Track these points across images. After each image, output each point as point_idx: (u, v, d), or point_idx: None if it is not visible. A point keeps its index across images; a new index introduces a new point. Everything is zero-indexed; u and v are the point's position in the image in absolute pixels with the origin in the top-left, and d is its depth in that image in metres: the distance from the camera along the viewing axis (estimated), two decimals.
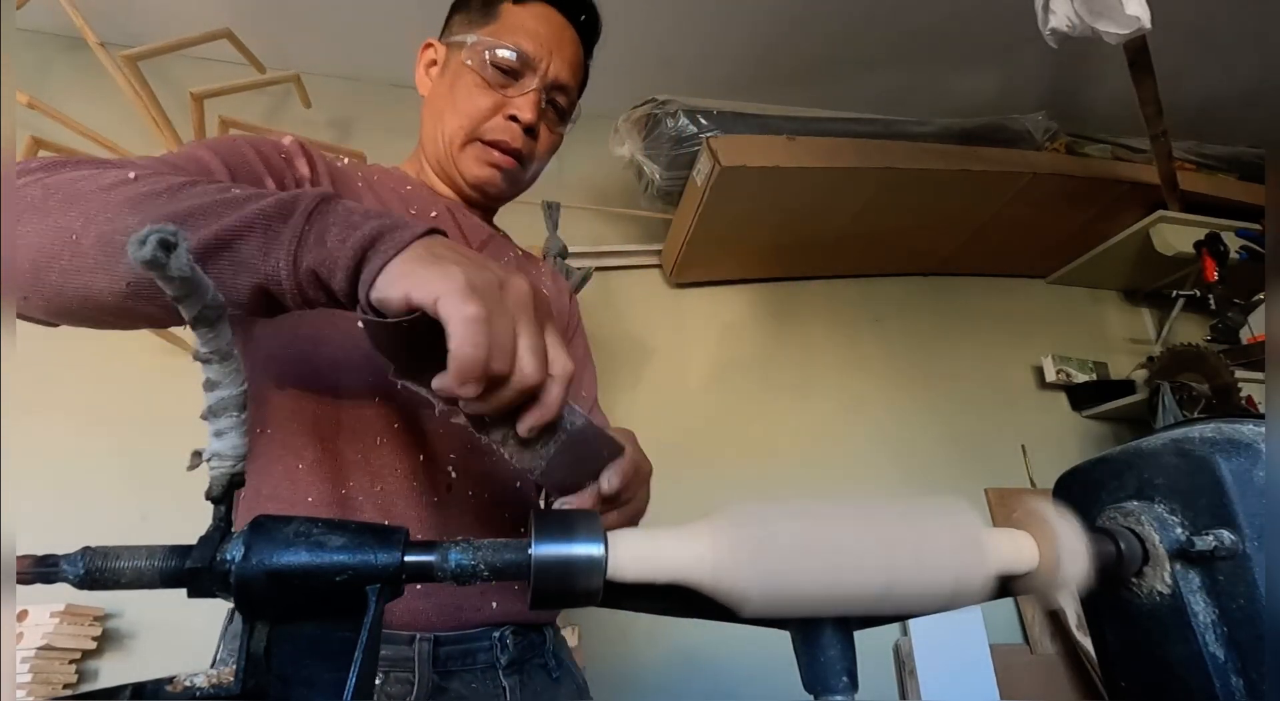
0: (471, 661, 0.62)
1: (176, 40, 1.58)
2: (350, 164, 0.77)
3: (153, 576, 0.30)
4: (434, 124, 0.78)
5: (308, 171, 0.68)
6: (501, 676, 0.63)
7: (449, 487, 0.63)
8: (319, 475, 0.58)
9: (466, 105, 0.75)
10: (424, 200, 0.76)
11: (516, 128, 0.74)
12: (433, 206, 0.76)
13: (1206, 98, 2.08)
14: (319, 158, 0.70)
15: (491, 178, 0.77)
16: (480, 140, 0.75)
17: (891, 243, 2.08)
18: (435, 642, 0.60)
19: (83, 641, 1.26)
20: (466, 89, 0.75)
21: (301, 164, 0.68)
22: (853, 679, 0.33)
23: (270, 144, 0.67)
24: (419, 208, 0.75)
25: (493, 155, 0.75)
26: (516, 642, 0.64)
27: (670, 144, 1.72)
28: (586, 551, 0.31)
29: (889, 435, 2.02)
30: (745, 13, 1.80)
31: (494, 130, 0.75)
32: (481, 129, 0.75)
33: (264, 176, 0.62)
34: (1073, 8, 1.11)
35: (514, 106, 0.74)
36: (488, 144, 0.75)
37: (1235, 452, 0.34)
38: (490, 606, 0.63)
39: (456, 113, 0.75)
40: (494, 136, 0.75)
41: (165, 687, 0.31)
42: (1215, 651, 0.33)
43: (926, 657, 1.68)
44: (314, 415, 0.60)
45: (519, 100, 0.74)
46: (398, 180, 0.78)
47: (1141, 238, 2.04)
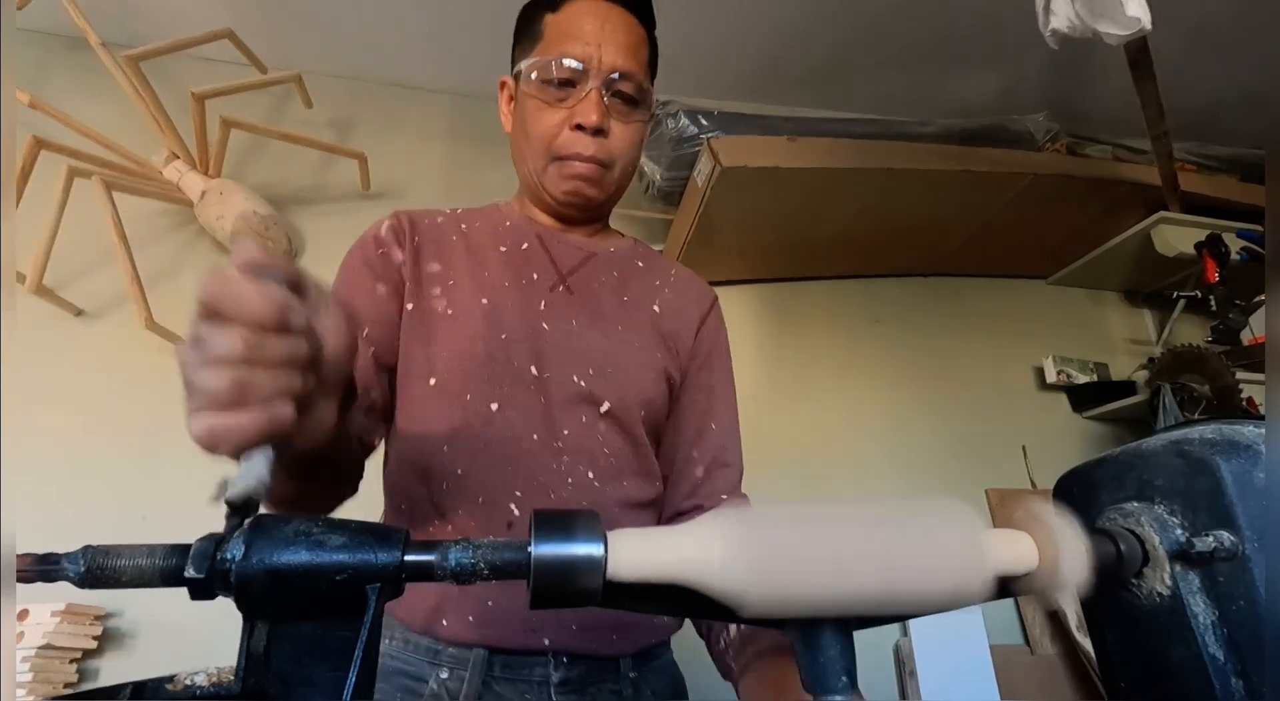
0: (528, 672, 0.64)
1: (178, 40, 1.58)
2: (451, 216, 0.81)
3: (153, 575, 0.30)
4: (520, 158, 0.80)
5: (400, 255, 0.75)
6: (554, 693, 0.64)
7: (509, 525, 0.66)
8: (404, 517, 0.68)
9: (535, 129, 0.75)
10: (517, 235, 0.79)
11: (585, 136, 0.74)
12: (524, 239, 0.79)
13: (1208, 98, 2.08)
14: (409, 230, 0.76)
15: (576, 189, 0.77)
16: (557, 157, 0.76)
17: (892, 243, 2.08)
18: (490, 650, 0.64)
19: (83, 640, 1.26)
20: (533, 115, 0.76)
21: (395, 251, 0.75)
22: (852, 679, 0.33)
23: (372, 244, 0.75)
24: (510, 243, 0.78)
25: (571, 168, 0.75)
26: (574, 664, 0.66)
27: (671, 144, 1.73)
28: (586, 551, 0.31)
29: (889, 436, 2.02)
30: (747, 15, 1.80)
31: (566, 145, 0.75)
32: (554, 147, 0.75)
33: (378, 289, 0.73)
34: (1073, 9, 1.11)
35: (577, 114, 0.74)
36: (564, 160, 0.75)
37: (1236, 454, 0.34)
38: (542, 642, 0.65)
39: (530, 140, 0.76)
40: (568, 151, 0.75)
41: (165, 686, 0.31)
42: (1215, 652, 0.33)
43: (926, 658, 1.68)
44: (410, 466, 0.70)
45: (580, 107, 0.74)
46: (497, 220, 0.81)
47: (1142, 239, 2.04)
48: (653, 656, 0.73)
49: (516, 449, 0.68)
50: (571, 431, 0.70)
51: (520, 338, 0.71)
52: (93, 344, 1.56)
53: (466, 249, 0.77)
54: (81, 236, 1.54)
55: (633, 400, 0.73)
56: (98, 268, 1.60)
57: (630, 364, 0.75)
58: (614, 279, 0.81)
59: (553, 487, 0.67)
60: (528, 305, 0.74)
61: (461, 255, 0.77)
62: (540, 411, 0.69)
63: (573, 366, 0.72)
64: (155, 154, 1.63)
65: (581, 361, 0.72)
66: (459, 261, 0.76)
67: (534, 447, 0.68)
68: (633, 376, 0.74)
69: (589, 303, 0.77)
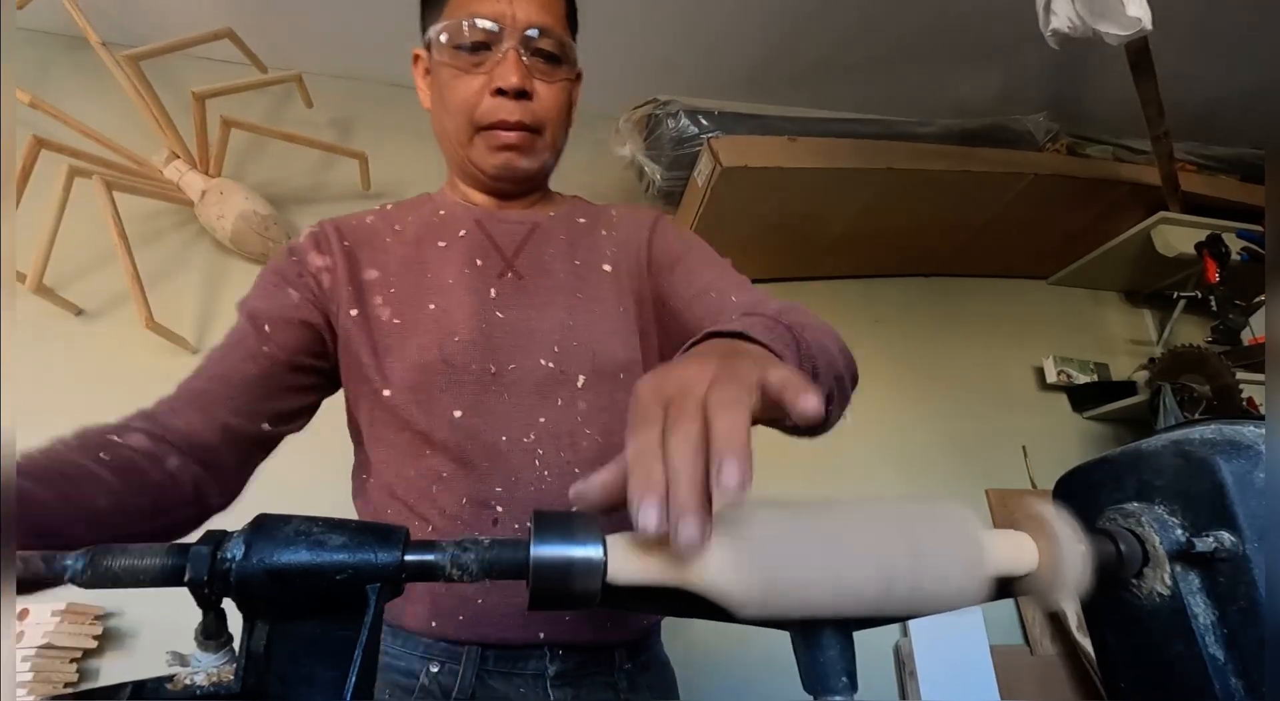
0: (522, 666, 0.64)
1: (178, 40, 1.58)
2: (381, 215, 0.78)
3: (153, 575, 0.30)
4: (442, 134, 0.76)
5: (321, 261, 0.72)
6: (549, 686, 0.63)
7: (495, 522, 0.65)
8: (389, 519, 0.66)
9: (454, 99, 0.71)
10: (453, 223, 0.76)
11: (508, 101, 0.69)
12: (460, 226, 0.75)
13: (1208, 99, 2.08)
14: (335, 235, 0.74)
15: (507, 162, 0.72)
16: (481, 127, 0.71)
17: (892, 243, 2.08)
18: (483, 647, 0.63)
19: (83, 640, 1.26)
20: (449, 84, 0.71)
21: (314, 257, 0.72)
22: (852, 679, 0.33)
23: (285, 257, 0.73)
24: (448, 234, 0.75)
25: (498, 138, 0.71)
26: (568, 657, 0.65)
27: (671, 144, 1.73)
28: (585, 553, 0.31)
29: (889, 436, 2.02)
30: (747, 14, 1.80)
31: (488, 113, 0.70)
32: (476, 116, 0.71)
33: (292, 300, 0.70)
34: (1074, 9, 1.11)
35: (496, 78, 0.69)
36: (489, 130, 0.71)
37: (1236, 454, 0.34)
38: (538, 636, 0.64)
39: (450, 112, 0.72)
40: (491, 119, 0.70)
41: (165, 686, 0.31)
42: (1215, 653, 0.33)
43: (927, 658, 1.68)
44: (394, 473, 0.68)
45: (498, 70, 0.69)
46: (430, 212, 0.77)
47: (1143, 239, 2.04)
48: (644, 646, 0.72)
49: (486, 453, 0.66)
50: (548, 418, 0.67)
51: (474, 337, 0.68)
52: (93, 343, 1.56)
53: (402, 250, 0.74)
54: (82, 236, 1.54)
55: (608, 368, 0.70)
56: (98, 267, 1.60)
57: (597, 331, 0.71)
58: (562, 244, 0.76)
59: (531, 482, 0.66)
60: (477, 299, 0.70)
61: (398, 258, 0.73)
62: (506, 410, 0.67)
63: (537, 351, 0.69)
64: (155, 153, 1.63)
65: (545, 343, 0.69)
66: (396, 265, 0.73)
67: (505, 448, 0.66)
68: (602, 344, 0.71)
69: (541, 279, 0.73)
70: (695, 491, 0.30)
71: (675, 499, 0.30)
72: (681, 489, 0.30)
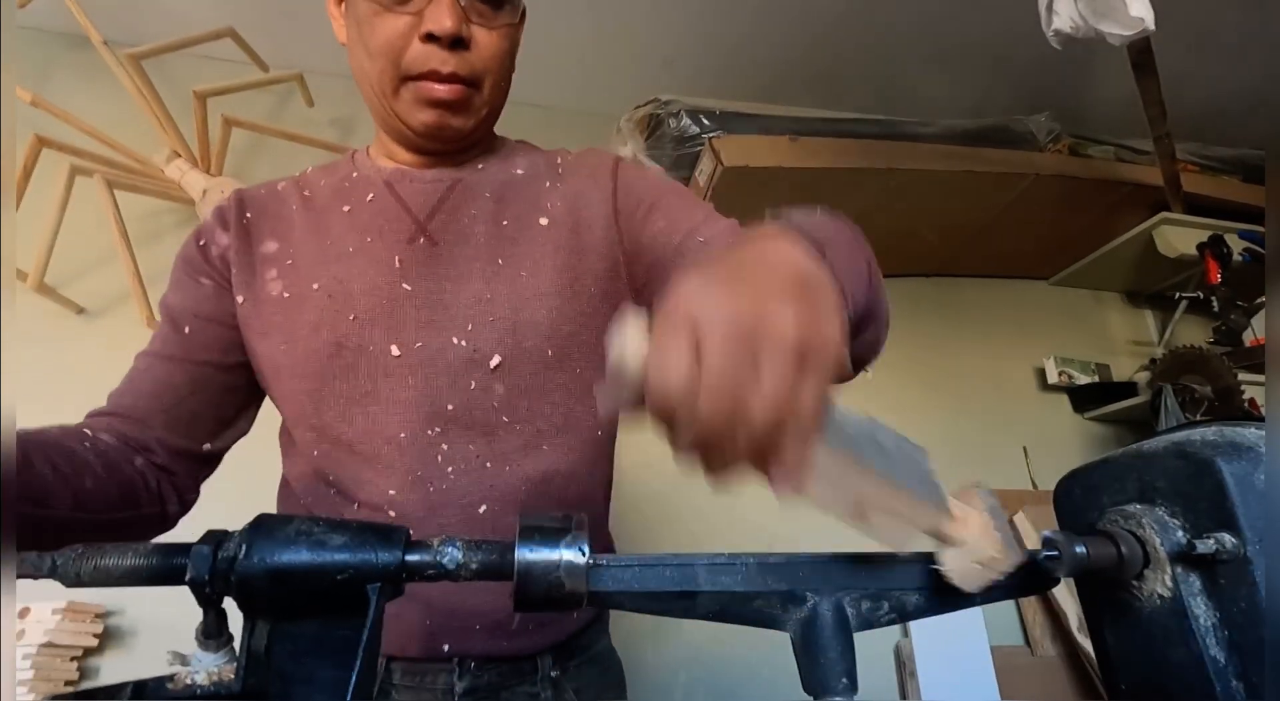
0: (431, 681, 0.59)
1: (180, 39, 1.58)
2: (294, 182, 0.70)
3: (143, 574, 0.30)
4: (361, 77, 0.64)
5: (225, 238, 0.66)
6: None
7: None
8: None
9: (376, 42, 0.60)
10: (364, 186, 0.67)
11: (440, 49, 0.59)
12: (369, 190, 0.67)
13: (1210, 99, 2.08)
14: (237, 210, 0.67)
15: (438, 120, 0.62)
16: (408, 77, 0.61)
17: (894, 243, 2.07)
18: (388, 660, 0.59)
19: (84, 638, 1.26)
20: (370, 23, 0.60)
21: (219, 235, 0.67)
22: (852, 680, 0.33)
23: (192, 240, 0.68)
24: (354, 199, 0.66)
25: (428, 91, 0.60)
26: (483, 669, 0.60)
27: (673, 144, 1.72)
28: (573, 554, 0.31)
29: None
30: (749, 16, 1.79)
31: (417, 61, 0.59)
32: (404, 64, 0.60)
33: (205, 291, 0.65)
34: (1076, 9, 1.10)
35: (427, 21, 0.58)
36: (417, 79, 0.60)
37: (1237, 455, 0.34)
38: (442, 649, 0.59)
39: (371, 55, 0.61)
40: (420, 69, 0.60)
41: (166, 685, 0.31)
42: (1216, 654, 0.33)
43: (927, 659, 1.68)
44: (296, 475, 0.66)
45: (430, 10, 0.58)
46: (344, 174, 0.69)
47: (1144, 239, 2.04)
48: (579, 648, 0.66)
49: (384, 449, 0.59)
50: (457, 406, 0.59)
51: (374, 315, 0.60)
52: (94, 342, 1.56)
53: (307, 217, 0.66)
54: (83, 234, 1.54)
55: (531, 343, 0.61)
56: (99, 266, 1.60)
57: (521, 301, 0.61)
58: (486, 203, 0.66)
59: (430, 480, 0.58)
60: (380, 270, 0.62)
61: (301, 226, 0.65)
62: (408, 399, 0.59)
63: (449, 327, 0.60)
64: (157, 152, 1.63)
65: (459, 319, 0.60)
66: (299, 235, 0.65)
67: (404, 443, 0.59)
68: (526, 315, 0.61)
69: (458, 245, 0.63)
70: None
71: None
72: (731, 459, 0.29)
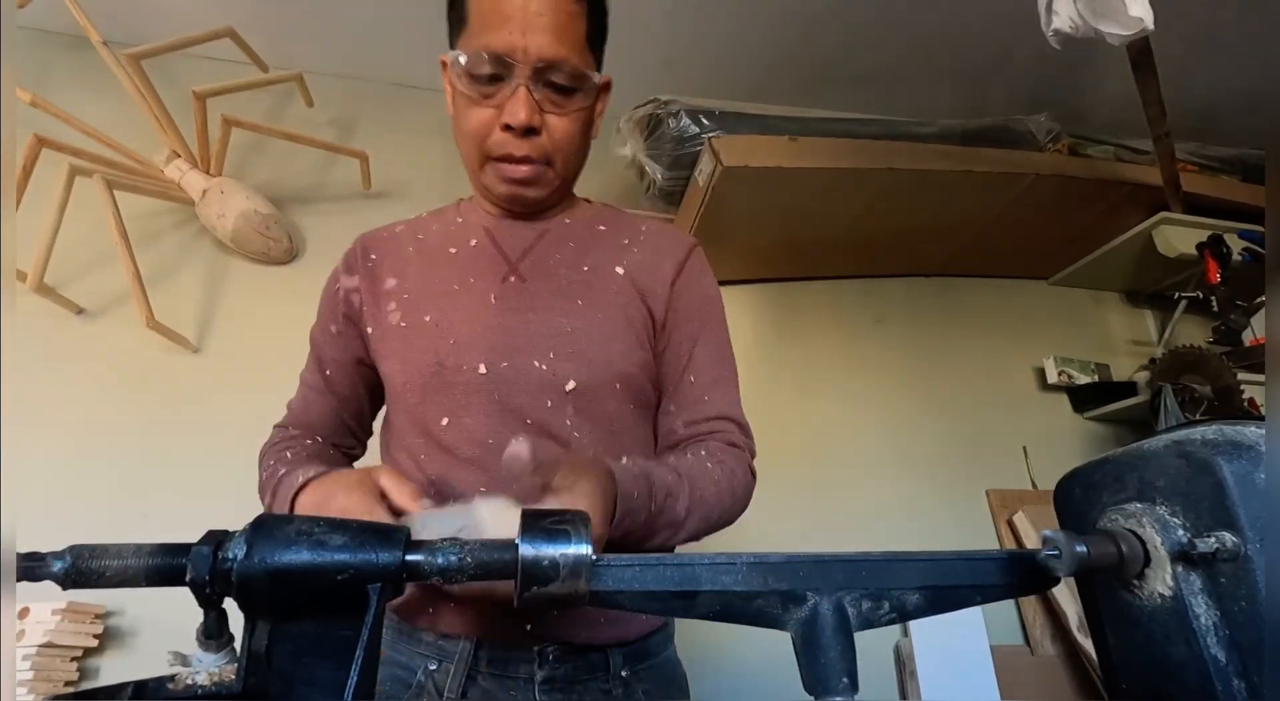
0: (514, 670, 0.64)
1: (179, 39, 1.58)
2: (411, 225, 0.82)
3: (141, 574, 0.30)
4: (461, 148, 0.77)
5: (350, 281, 0.79)
6: (537, 691, 0.64)
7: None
8: None
9: (467, 127, 0.72)
10: (467, 232, 0.79)
11: (515, 137, 0.70)
12: (473, 234, 0.78)
13: (1209, 99, 2.08)
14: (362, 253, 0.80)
15: (514, 194, 0.74)
16: (490, 158, 0.73)
17: (894, 243, 2.08)
18: (476, 645, 0.64)
19: (84, 638, 1.26)
20: (463, 111, 0.72)
21: (345, 279, 0.79)
22: (853, 680, 0.33)
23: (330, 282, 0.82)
24: (460, 242, 0.78)
25: (506, 171, 0.73)
26: (560, 662, 0.65)
27: (672, 144, 1.72)
28: (576, 551, 0.32)
29: (890, 436, 2.02)
30: (749, 16, 1.79)
31: (497, 146, 0.71)
32: (487, 146, 0.72)
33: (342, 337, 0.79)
34: (1075, 9, 1.10)
35: (505, 114, 0.69)
36: (498, 161, 0.72)
37: (1237, 454, 0.34)
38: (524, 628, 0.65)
39: (464, 137, 0.73)
40: (499, 152, 0.71)
41: (167, 685, 0.31)
42: (1216, 653, 0.33)
43: (927, 659, 1.68)
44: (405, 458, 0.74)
45: (509, 106, 0.69)
46: (450, 220, 0.82)
47: (1144, 239, 2.04)
48: (649, 652, 0.71)
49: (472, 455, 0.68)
50: (535, 420, 0.68)
51: (470, 339, 0.70)
52: (94, 342, 1.56)
53: (420, 257, 0.78)
54: (83, 235, 1.54)
55: (602, 376, 0.70)
56: (99, 266, 1.60)
57: (597, 338, 0.72)
58: (570, 251, 0.77)
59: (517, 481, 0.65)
60: (477, 303, 0.72)
61: (415, 265, 0.77)
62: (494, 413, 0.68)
63: (532, 353, 0.70)
64: (157, 152, 1.63)
65: (542, 346, 0.70)
66: (413, 272, 0.77)
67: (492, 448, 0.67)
68: (600, 350, 0.71)
69: (545, 283, 0.74)
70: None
71: None
72: None
